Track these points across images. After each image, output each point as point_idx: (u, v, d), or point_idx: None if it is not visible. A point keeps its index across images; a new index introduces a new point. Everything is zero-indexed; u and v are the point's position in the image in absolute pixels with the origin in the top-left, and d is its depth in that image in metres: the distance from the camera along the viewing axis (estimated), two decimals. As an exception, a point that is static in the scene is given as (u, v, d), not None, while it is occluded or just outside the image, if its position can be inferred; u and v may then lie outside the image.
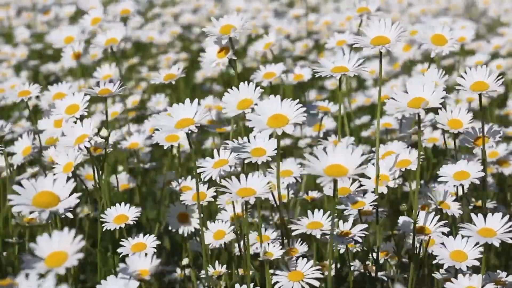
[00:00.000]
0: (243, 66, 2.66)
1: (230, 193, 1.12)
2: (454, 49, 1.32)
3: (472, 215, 1.10)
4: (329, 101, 1.67)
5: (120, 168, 1.91)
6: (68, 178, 0.97)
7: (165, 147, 1.30)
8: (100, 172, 1.30)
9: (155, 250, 1.21)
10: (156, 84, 1.55)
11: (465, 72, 1.22)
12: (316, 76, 1.27)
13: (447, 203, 1.28)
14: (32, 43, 2.96)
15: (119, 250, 1.23)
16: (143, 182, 1.81)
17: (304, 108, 1.12)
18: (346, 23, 2.66)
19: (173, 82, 1.41)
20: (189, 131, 1.11)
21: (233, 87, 1.22)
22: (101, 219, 1.27)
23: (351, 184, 1.32)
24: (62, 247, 0.89)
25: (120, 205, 1.27)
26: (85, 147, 1.22)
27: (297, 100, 1.13)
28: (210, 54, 1.36)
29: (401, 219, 1.24)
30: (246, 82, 1.21)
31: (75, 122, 1.29)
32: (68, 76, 2.69)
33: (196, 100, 1.15)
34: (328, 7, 3.50)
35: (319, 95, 2.20)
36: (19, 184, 0.96)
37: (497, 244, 1.05)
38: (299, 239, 1.23)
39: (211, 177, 1.21)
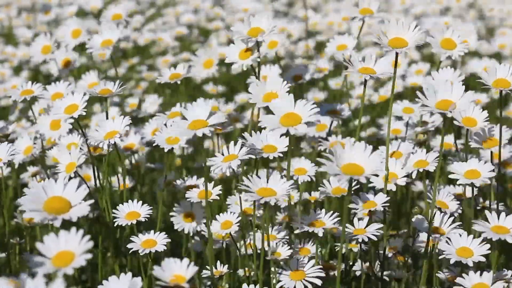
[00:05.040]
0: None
1: (251, 191, 1.09)
2: (463, 53, 1.31)
3: (486, 212, 1.11)
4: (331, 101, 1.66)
5: (120, 169, 1.91)
6: (80, 183, 0.94)
7: (165, 150, 1.29)
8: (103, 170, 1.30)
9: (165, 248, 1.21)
10: (156, 85, 1.55)
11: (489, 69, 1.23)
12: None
13: (445, 202, 1.27)
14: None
15: (129, 246, 1.23)
16: (143, 182, 1.81)
17: (318, 109, 1.11)
18: (343, 23, 2.66)
19: (178, 82, 1.41)
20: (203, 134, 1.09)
21: (259, 79, 1.21)
22: (112, 215, 1.27)
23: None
24: (70, 247, 0.87)
25: (132, 202, 1.28)
26: (113, 143, 1.23)
27: (313, 101, 1.12)
28: (232, 55, 1.35)
29: (416, 219, 1.24)
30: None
31: (73, 123, 1.30)
32: (69, 76, 2.68)
33: (209, 101, 1.15)
34: (329, 7, 3.49)
35: (317, 97, 2.19)
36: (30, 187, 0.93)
37: (510, 240, 1.06)
38: (309, 239, 1.23)
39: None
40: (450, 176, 1.23)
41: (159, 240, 1.24)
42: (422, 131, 1.56)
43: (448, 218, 1.24)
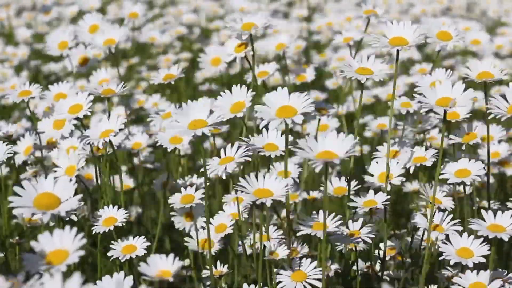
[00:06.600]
0: (242, 66, 2.65)
1: (247, 192, 1.09)
2: (458, 44, 1.33)
3: (483, 211, 1.11)
4: (331, 101, 1.66)
5: (124, 168, 1.91)
6: (69, 179, 0.95)
7: (169, 149, 1.29)
8: (102, 171, 1.30)
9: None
10: (156, 85, 1.55)
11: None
12: (342, 76, 1.26)
13: (438, 198, 1.28)
14: (33, 42, 2.96)
15: (109, 254, 1.22)
16: (144, 182, 1.81)
17: (312, 99, 1.12)
18: (346, 23, 2.66)
19: (172, 82, 1.41)
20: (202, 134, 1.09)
21: (225, 90, 1.22)
22: (91, 222, 1.26)
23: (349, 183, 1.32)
24: (64, 245, 0.89)
25: (109, 207, 1.26)
26: (104, 143, 1.22)
27: (305, 92, 1.13)
28: (228, 48, 1.41)
29: (417, 216, 1.24)
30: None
31: (76, 123, 1.29)
32: (69, 76, 2.68)
33: (209, 100, 1.15)
34: (330, 7, 3.49)
35: (319, 96, 2.19)
36: (20, 185, 0.94)
37: (506, 238, 1.06)
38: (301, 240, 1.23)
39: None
40: (441, 176, 1.23)
41: (138, 245, 1.23)
42: (418, 131, 1.56)
43: (446, 216, 1.24)
